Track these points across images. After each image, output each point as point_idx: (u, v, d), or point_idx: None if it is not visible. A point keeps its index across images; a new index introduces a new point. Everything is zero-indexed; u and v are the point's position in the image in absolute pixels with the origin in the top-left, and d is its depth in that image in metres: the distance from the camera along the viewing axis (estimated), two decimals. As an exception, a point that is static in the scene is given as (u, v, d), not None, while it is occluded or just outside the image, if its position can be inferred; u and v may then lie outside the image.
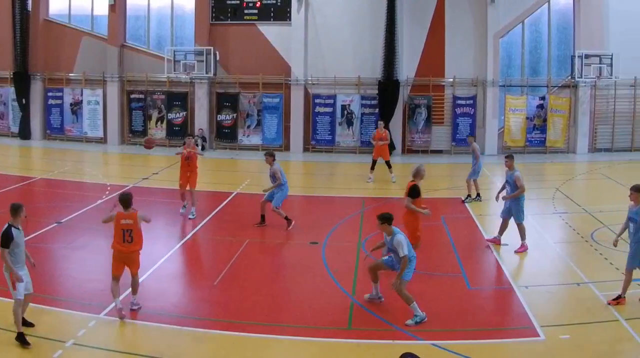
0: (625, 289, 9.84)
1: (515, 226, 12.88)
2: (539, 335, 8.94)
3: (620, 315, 9.44)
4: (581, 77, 25.33)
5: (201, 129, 26.35)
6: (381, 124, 20.90)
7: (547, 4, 26.19)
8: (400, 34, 25.48)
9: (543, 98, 26.23)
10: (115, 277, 9.27)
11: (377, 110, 25.91)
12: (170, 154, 25.64)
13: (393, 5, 25.19)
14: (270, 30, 26.39)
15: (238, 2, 26.44)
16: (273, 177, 14.24)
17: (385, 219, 9.55)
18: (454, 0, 25.95)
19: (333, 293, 10.56)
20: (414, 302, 9.31)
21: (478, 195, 17.33)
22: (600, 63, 25.38)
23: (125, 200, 9.47)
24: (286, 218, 14.33)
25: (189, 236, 13.87)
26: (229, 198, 17.50)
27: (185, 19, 26.98)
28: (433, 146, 26.02)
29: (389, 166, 20.05)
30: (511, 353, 8.61)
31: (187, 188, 15.21)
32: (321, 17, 26.17)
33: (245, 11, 26.46)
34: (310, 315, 9.68)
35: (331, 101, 26.24)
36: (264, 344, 8.72)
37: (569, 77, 26.06)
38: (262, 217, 14.58)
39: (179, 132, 26.75)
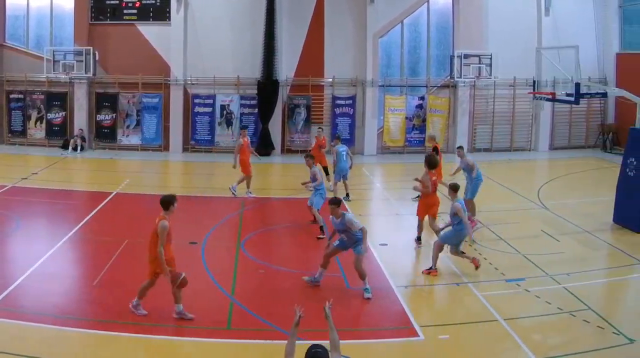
0: None
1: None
2: (418, 335, 8.97)
3: (499, 315, 9.49)
4: (460, 77, 25.38)
5: (81, 129, 26.06)
6: (320, 130, 20.50)
7: (426, 4, 26.21)
8: (280, 34, 25.43)
9: (422, 98, 26.23)
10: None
11: (256, 110, 25.81)
12: (49, 154, 25.54)
13: (272, 4, 25.17)
14: (149, 30, 26.16)
15: (117, 2, 26.20)
16: (314, 178, 14.54)
17: (337, 203, 10.54)
18: (333, 0, 25.91)
19: (212, 294, 10.59)
20: (366, 277, 10.35)
21: (346, 196, 17.52)
22: (479, 63, 25.47)
23: (161, 201, 9.37)
24: (321, 228, 14.02)
25: (68, 236, 13.69)
26: (109, 198, 17.41)
27: (64, 19, 26.65)
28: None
29: (327, 173, 19.28)
30: (390, 353, 8.60)
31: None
32: (201, 17, 26.00)
33: (125, 11, 26.22)
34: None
35: (210, 101, 26.07)
36: (145, 344, 8.72)
37: (448, 77, 26.08)
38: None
39: (58, 132, 26.49)
